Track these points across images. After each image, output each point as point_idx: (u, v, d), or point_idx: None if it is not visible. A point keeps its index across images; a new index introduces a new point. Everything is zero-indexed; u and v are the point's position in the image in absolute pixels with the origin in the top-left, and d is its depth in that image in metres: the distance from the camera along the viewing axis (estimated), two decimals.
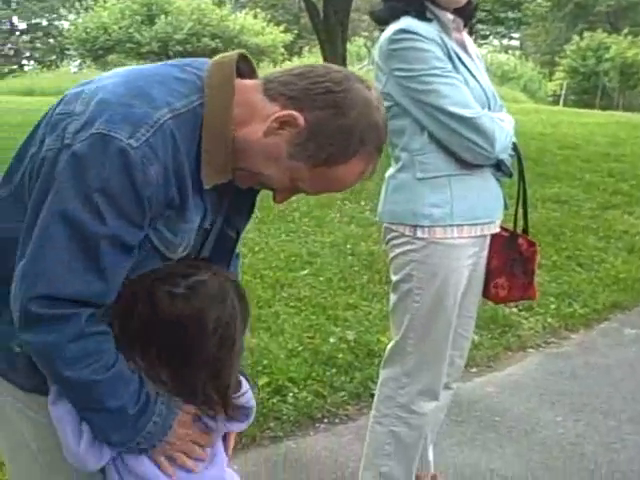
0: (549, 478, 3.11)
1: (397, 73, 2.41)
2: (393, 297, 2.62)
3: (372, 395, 3.67)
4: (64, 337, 1.34)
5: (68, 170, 1.32)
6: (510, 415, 3.64)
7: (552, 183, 8.71)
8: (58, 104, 1.43)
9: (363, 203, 7.27)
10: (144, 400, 1.44)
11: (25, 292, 1.33)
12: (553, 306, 5.04)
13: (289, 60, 32.78)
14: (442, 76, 2.37)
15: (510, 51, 42.40)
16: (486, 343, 4.39)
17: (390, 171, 2.59)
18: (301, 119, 1.36)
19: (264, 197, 5.34)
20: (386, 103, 2.46)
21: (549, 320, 4.85)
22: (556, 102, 31.50)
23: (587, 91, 37.04)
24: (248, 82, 1.45)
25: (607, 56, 36.36)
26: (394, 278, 2.59)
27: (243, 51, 1.50)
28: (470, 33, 2.64)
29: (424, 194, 2.45)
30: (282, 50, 34.73)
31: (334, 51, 12.79)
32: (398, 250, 2.54)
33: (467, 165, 2.46)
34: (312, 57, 31.08)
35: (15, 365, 1.50)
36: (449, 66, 2.39)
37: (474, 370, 4.09)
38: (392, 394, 2.66)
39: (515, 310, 4.90)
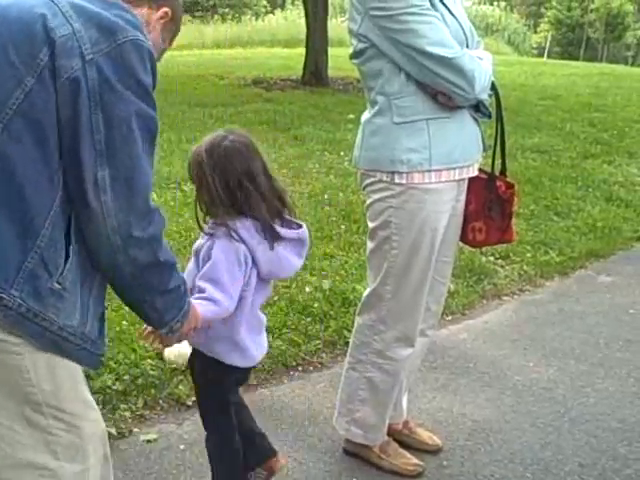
0: (520, 422, 3.14)
1: (373, 12, 2.35)
2: (370, 244, 2.60)
3: (347, 343, 3.68)
4: (160, 227, 1.61)
5: (117, 78, 1.48)
6: (483, 361, 3.66)
7: (532, 133, 8.68)
8: (33, 30, 1.46)
9: (342, 153, 7.21)
10: (184, 281, 1.76)
11: (141, 192, 1.54)
12: (529, 254, 5.06)
13: (272, 13, 32.28)
14: (419, 14, 2.31)
15: (495, 2, 41.88)
16: (462, 291, 4.40)
17: (366, 115, 2.55)
18: (170, 12, 1.77)
19: None
20: (361, 45, 2.43)
21: (525, 268, 4.87)
22: (541, 54, 31.30)
23: (572, 43, 36.88)
24: None
25: (592, 6, 36.09)
26: (371, 225, 2.57)
27: None
28: None
29: (401, 139, 2.41)
30: (264, 2, 34.21)
31: (317, 3, 12.58)
32: (375, 196, 2.51)
33: (445, 107, 2.42)
34: (295, 9, 30.65)
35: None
36: (426, 3, 2.33)
37: (449, 318, 4.10)
38: (367, 340, 2.67)
39: (491, 258, 4.91)
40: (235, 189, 2.11)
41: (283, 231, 2.17)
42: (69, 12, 1.47)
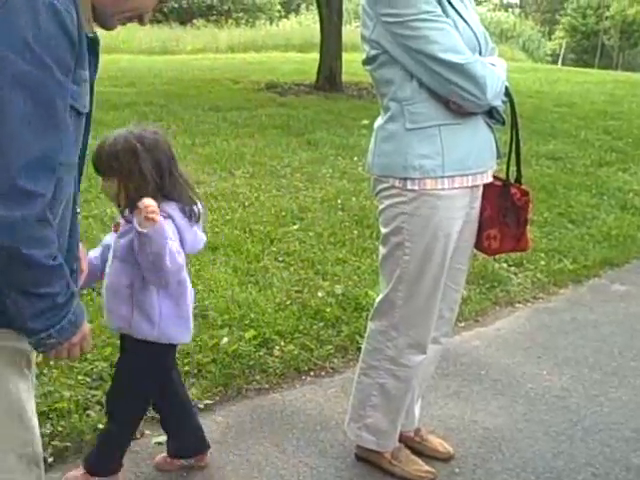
0: (532, 430, 3.12)
1: (385, 19, 2.35)
2: (382, 250, 2.59)
3: (359, 349, 3.67)
4: (32, 215, 1.41)
5: (1, 40, 1.36)
6: (495, 368, 3.64)
7: (547, 140, 8.65)
8: None
9: (355, 159, 7.21)
10: (70, 295, 1.55)
11: (8, 166, 1.37)
12: (543, 262, 5.03)
13: (286, 18, 32.32)
14: (431, 20, 2.31)
15: (510, 9, 41.81)
16: (474, 298, 4.39)
17: (379, 122, 2.54)
18: None
19: (256, 153, 5.37)
20: (373, 51, 2.43)
21: (538, 276, 4.84)
22: (555, 61, 31.17)
23: (586, 50, 36.71)
24: None
25: (608, 14, 35.96)
26: (384, 230, 2.56)
27: None
28: None
29: (414, 145, 2.41)
30: (278, 7, 34.26)
31: (331, 8, 12.58)
32: (388, 202, 2.51)
33: (458, 113, 2.41)
34: (309, 14, 30.67)
35: None
36: (438, 10, 2.33)
37: (462, 324, 4.09)
38: (380, 346, 2.66)
39: (504, 265, 4.89)
40: (165, 175, 2.34)
41: (195, 209, 2.41)
42: None
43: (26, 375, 1.67)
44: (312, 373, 3.53)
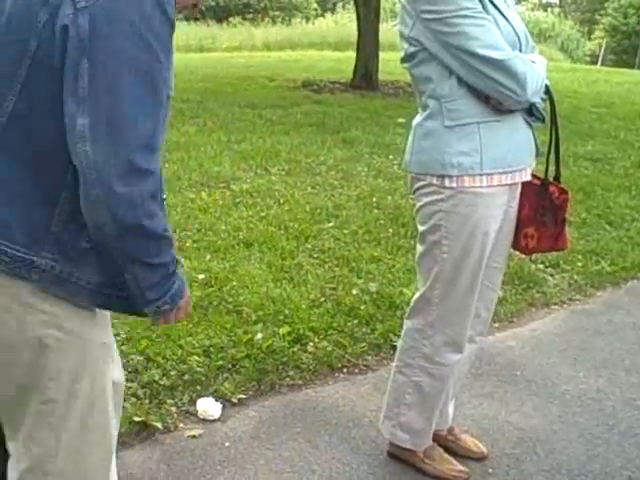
0: (567, 432, 3.08)
1: (424, 15, 2.34)
2: (420, 248, 2.58)
3: (393, 347, 3.68)
4: (148, 189, 1.47)
5: (109, 24, 1.41)
6: (530, 369, 3.61)
7: (585, 141, 8.55)
8: None
9: (391, 157, 7.20)
10: (176, 262, 1.63)
11: (128, 145, 1.43)
12: (580, 263, 4.97)
13: (322, 16, 32.36)
14: (471, 17, 2.29)
15: (549, 9, 41.38)
16: (510, 298, 4.35)
17: (417, 119, 2.53)
18: None
19: (292, 151, 5.36)
20: (412, 48, 2.42)
21: (575, 277, 4.78)
22: (594, 62, 30.76)
23: (627, 51, 36.14)
24: None
25: None
26: (421, 228, 2.55)
27: None
28: None
29: (452, 142, 2.40)
30: (315, 5, 34.31)
31: (369, 7, 12.55)
32: (425, 200, 2.50)
33: (497, 111, 2.39)
34: (345, 13, 30.66)
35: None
36: (478, 6, 2.31)
37: (496, 325, 4.05)
38: (416, 344, 2.65)
39: (541, 266, 4.84)
40: None
41: None
42: None
43: (110, 370, 1.74)
44: (345, 370, 3.53)
